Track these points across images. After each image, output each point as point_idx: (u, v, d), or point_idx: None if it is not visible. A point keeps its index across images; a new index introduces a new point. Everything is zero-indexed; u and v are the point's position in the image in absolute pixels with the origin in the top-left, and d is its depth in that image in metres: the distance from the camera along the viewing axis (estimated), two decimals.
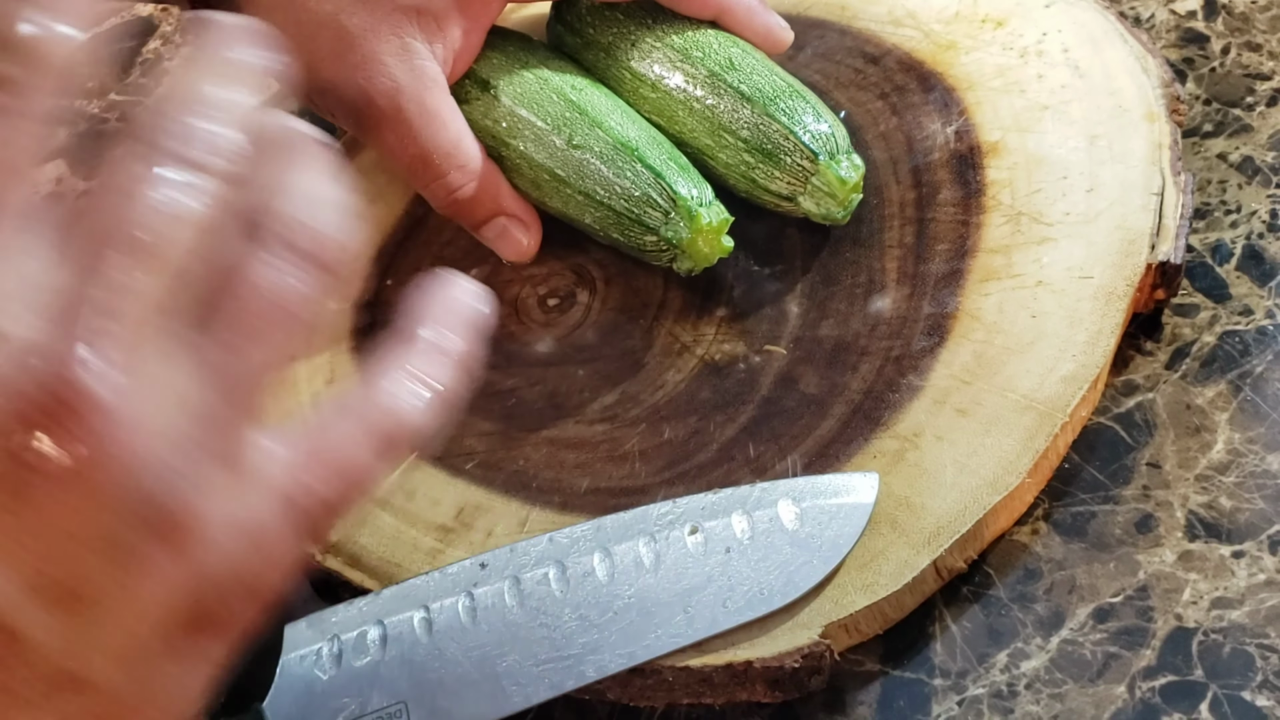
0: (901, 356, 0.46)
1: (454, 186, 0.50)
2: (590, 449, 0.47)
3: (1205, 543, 0.42)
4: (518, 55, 0.52)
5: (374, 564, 0.45)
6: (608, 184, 0.48)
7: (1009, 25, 0.54)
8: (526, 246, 0.52)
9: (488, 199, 0.50)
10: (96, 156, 0.68)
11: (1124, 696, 0.39)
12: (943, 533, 0.41)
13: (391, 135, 0.49)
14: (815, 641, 0.39)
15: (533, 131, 0.50)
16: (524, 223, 0.51)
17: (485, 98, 0.51)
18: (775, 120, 0.48)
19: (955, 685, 0.40)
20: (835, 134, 0.48)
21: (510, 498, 0.46)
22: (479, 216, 0.51)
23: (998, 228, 0.48)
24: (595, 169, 0.49)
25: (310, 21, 0.49)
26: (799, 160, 0.48)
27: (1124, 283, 0.45)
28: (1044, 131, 0.50)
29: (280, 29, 0.52)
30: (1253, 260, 0.48)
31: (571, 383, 0.49)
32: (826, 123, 0.48)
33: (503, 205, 0.51)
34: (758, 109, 0.48)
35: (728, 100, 0.49)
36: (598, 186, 0.49)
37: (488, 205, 0.51)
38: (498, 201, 0.51)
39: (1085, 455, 0.44)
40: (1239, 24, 0.56)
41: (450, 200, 0.50)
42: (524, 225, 0.51)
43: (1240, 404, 0.45)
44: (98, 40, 0.25)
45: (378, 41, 0.48)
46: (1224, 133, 0.53)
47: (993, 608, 0.42)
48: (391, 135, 0.49)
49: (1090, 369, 0.43)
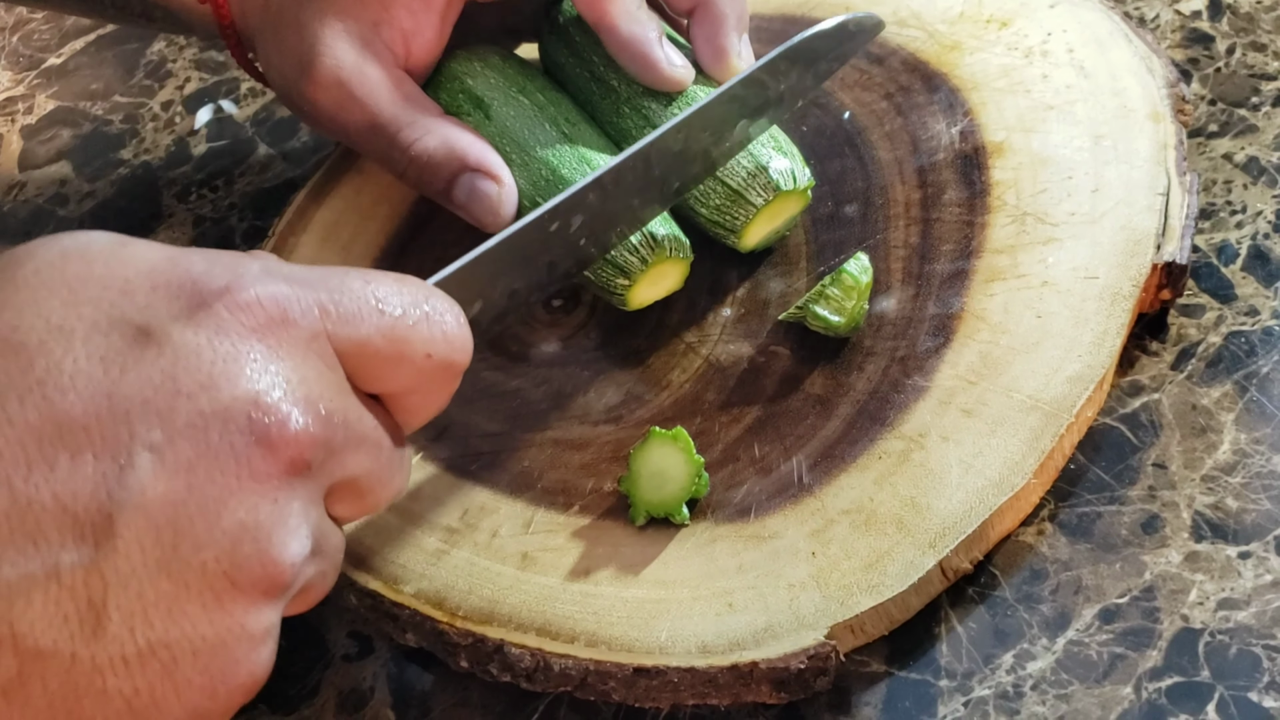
0: (907, 357, 0.46)
1: (406, 144, 0.48)
2: (595, 450, 0.47)
3: (1211, 543, 0.42)
4: (515, 79, 0.52)
5: (379, 565, 0.45)
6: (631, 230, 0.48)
7: (1014, 25, 0.54)
8: (499, 200, 0.48)
9: (448, 155, 0.48)
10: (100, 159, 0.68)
11: (1130, 697, 0.39)
12: (948, 533, 0.41)
13: (341, 112, 0.49)
14: (821, 642, 0.39)
15: (521, 157, 0.50)
16: (492, 176, 0.48)
17: (477, 115, 0.51)
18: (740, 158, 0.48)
19: (961, 686, 0.40)
20: (794, 169, 0.48)
21: (515, 498, 0.46)
22: (443, 177, 0.49)
23: (1003, 228, 0.48)
24: None
25: (281, 24, 0.50)
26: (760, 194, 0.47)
27: (1129, 283, 0.45)
28: (1049, 132, 0.50)
29: (261, 35, 0.54)
30: (1258, 260, 0.48)
31: (576, 383, 0.49)
32: (787, 160, 0.48)
33: (466, 160, 0.48)
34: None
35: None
36: None
37: (451, 163, 0.48)
38: (460, 158, 0.48)
39: (1091, 456, 0.44)
40: (1244, 24, 0.56)
41: (409, 163, 0.49)
42: (492, 179, 0.48)
43: (1246, 404, 0.44)
44: None
45: (323, 27, 0.49)
46: (1229, 133, 0.52)
47: (998, 608, 0.42)
48: (341, 112, 0.49)
49: (1096, 369, 0.43)
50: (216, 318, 0.29)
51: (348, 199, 0.58)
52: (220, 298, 0.30)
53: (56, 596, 0.27)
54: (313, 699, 0.45)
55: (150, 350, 0.28)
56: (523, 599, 0.43)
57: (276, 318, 0.30)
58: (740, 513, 0.43)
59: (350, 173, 0.59)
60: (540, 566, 0.44)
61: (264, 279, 0.31)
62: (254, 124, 0.69)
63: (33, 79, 0.76)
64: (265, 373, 0.29)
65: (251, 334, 0.30)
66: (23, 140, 0.72)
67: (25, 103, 0.74)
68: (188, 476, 0.28)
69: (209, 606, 0.28)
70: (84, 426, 0.27)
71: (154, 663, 0.28)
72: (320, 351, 0.31)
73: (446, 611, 0.43)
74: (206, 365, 0.29)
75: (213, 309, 0.29)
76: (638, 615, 0.41)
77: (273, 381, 0.29)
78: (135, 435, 0.28)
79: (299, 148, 0.67)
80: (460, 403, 0.50)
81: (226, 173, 0.66)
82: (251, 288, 0.30)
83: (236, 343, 0.29)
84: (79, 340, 0.28)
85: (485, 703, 0.44)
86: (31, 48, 0.78)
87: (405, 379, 0.34)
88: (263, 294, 0.30)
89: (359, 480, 0.33)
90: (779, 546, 0.42)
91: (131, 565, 0.27)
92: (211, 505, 0.28)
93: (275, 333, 0.30)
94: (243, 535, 0.29)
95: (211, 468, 0.28)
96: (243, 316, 0.30)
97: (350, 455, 0.32)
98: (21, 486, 0.27)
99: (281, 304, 0.30)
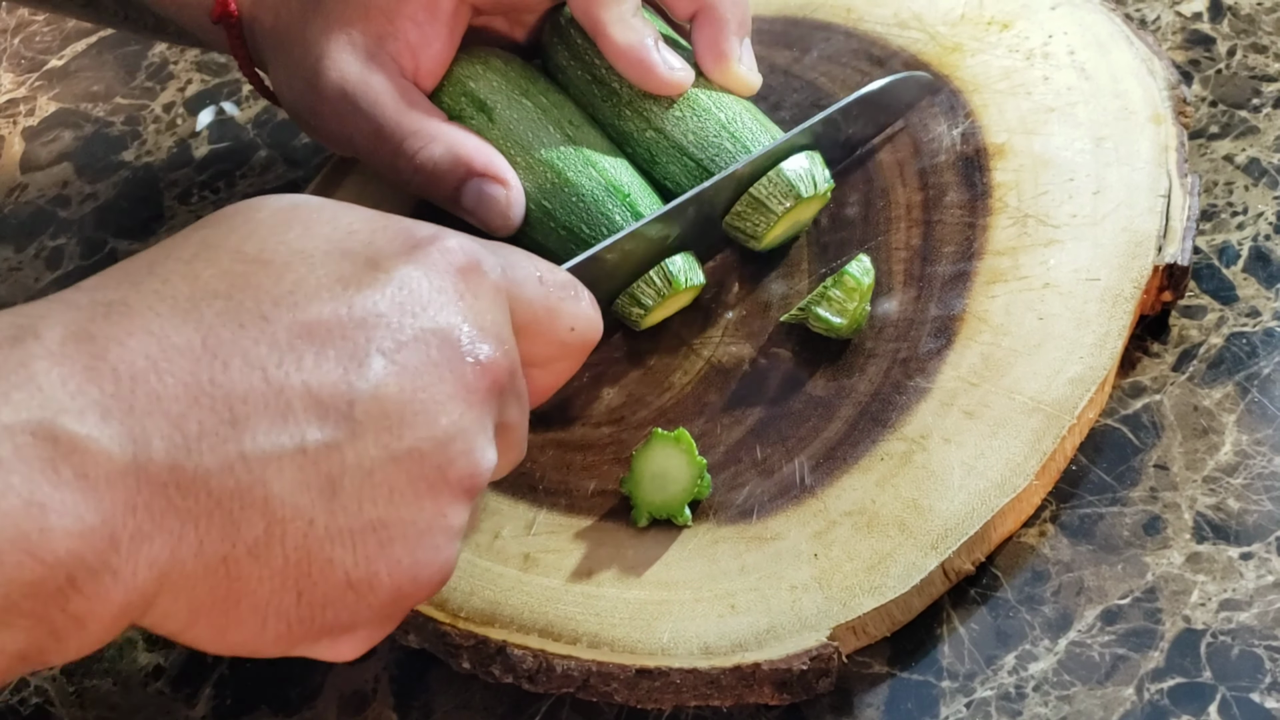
0: (908, 359, 0.46)
1: (412, 152, 0.49)
2: (597, 451, 0.47)
3: (1213, 544, 0.42)
4: (518, 82, 0.52)
5: None
6: (594, 223, 0.48)
7: (1015, 27, 0.54)
8: (508, 204, 0.49)
9: (454, 162, 0.49)
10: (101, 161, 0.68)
11: (1132, 698, 0.39)
12: (950, 535, 0.41)
13: (346, 123, 0.49)
14: (823, 644, 0.39)
15: (525, 160, 0.50)
16: (499, 180, 0.49)
17: (480, 118, 0.51)
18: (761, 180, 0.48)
19: (963, 687, 0.40)
20: (814, 173, 0.48)
21: (517, 500, 0.46)
22: (450, 183, 0.49)
23: (1004, 230, 0.48)
24: (583, 206, 0.49)
25: (289, 40, 0.51)
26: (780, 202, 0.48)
27: (1131, 285, 0.45)
28: (1050, 134, 0.50)
29: (270, 54, 0.54)
30: (1259, 262, 0.48)
31: (578, 385, 0.49)
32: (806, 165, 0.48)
33: (472, 166, 0.49)
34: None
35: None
36: (583, 224, 0.48)
37: (457, 169, 0.49)
38: (466, 163, 0.49)
39: (1093, 457, 0.44)
40: (1245, 26, 0.56)
41: (416, 172, 0.49)
42: (499, 182, 0.49)
43: (1248, 405, 0.44)
44: None
45: (328, 41, 0.50)
46: (1230, 134, 0.53)
47: (1000, 610, 0.42)
48: (346, 123, 0.49)
49: (1097, 371, 0.43)
50: (429, 257, 0.34)
51: (350, 201, 0.58)
52: (432, 242, 0.34)
53: (302, 465, 0.31)
54: (315, 700, 0.45)
55: (380, 275, 0.33)
56: (525, 600, 0.43)
57: (473, 264, 0.35)
58: (742, 514, 0.43)
59: (352, 175, 0.59)
60: (542, 568, 0.44)
61: (459, 235, 0.36)
62: (255, 126, 0.69)
63: (34, 81, 0.76)
64: (472, 307, 0.34)
65: (457, 273, 0.34)
66: (24, 142, 0.72)
67: (27, 105, 0.74)
68: (413, 379, 0.32)
69: (422, 494, 0.32)
70: (328, 329, 0.32)
71: (373, 538, 0.32)
72: (502, 303, 0.36)
73: (448, 613, 0.43)
74: (425, 292, 0.33)
75: (427, 250, 0.34)
76: (640, 616, 0.42)
77: (479, 315, 0.34)
78: (371, 339, 0.32)
79: (300, 150, 0.67)
80: None
81: (228, 175, 0.66)
82: (452, 239, 0.35)
83: (445, 278, 0.34)
84: (319, 262, 0.33)
85: (487, 704, 0.44)
86: (33, 49, 0.78)
87: (548, 349, 0.39)
88: (463, 244, 0.35)
89: (511, 431, 0.37)
90: (781, 548, 0.42)
91: (365, 447, 0.31)
92: (432, 406, 0.32)
93: (472, 277, 0.35)
94: (455, 435, 0.33)
95: (431, 376, 0.33)
96: (450, 258, 0.34)
97: (513, 401, 0.36)
98: (274, 372, 0.31)
99: (475, 256, 0.35)
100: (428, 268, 0.34)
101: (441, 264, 0.34)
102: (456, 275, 0.34)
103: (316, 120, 0.51)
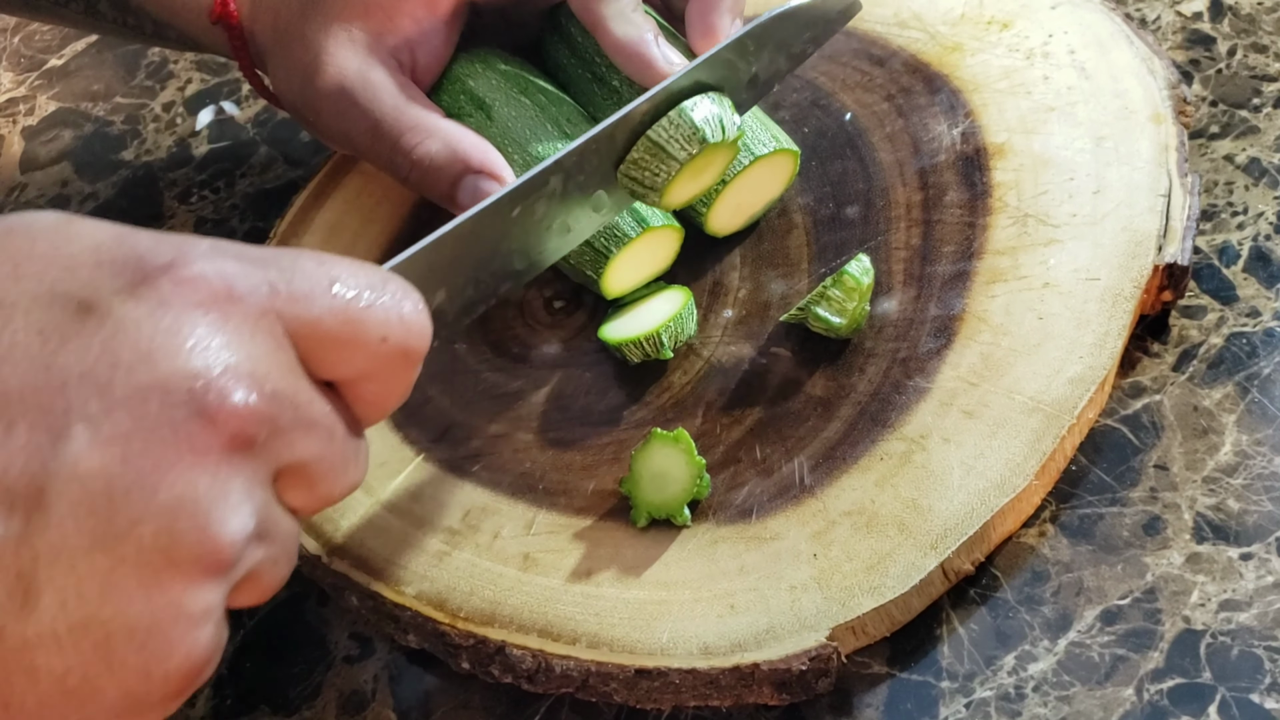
0: (908, 358, 0.46)
1: (409, 148, 0.49)
2: (597, 451, 0.47)
3: (1213, 545, 0.42)
4: (517, 80, 0.52)
5: (380, 566, 0.45)
6: (590, 220, 0.48)
7: (1015, 27, 0.54)
8: None
9: (451, 157, 0.48)
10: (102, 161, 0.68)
11: (1132, 699, 0.39)
12: (950, 535, 0.41)
13: (345, 119, 0.50)
14: (822, 644, 0.39)
15: (523, 158, 0.50)
16: (495, 177, 0.48)
17: (479, 116, 0.51)
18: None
19: (962, 688, 0.40)
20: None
21: (517, 500, 0.46)
22: (447, 179, 0.48)
23: (1004, 229, 0.48)
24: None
25: (288, 38, 0.51)
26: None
27: (1131, 284, 0.45)
28: (1050, 133, 0.50)
29: (270, 53, 0.54)
30: (1260, 262, 0.48)
31: (578, 385, 0.49)
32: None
33: (469, 162, 0.48)
34: None
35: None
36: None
37: (454, 165, 0.48)
38: (463, 160, 0.48)
39: (1092, 457, 0.44)
40: (1245, 25, 0.56)
41: (413, 167, 0.49)
42: (495, 178, 0.48)
43: (1248, 406, 0.44)
44: None
45: (327, 38, 0.50)
46: (1231, 134, 0.52)
47: (1000, 610, 0.42)
48: (345, 119, 0.50)
49: (1097, 371, 0.43)
50: (159, 292, 0.29)
51: (349, 200, 0.59)
52: (165, 272, 0.29)
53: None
54: (314, 700, 0.45)
55: (91, 323, 0.28)
56: (524, 600, 0.43)
57: (222, 293, 0.30)
58: (742, 514, 0.43)
59: (352, 174, 0.59)
60: (542, 568, 0.44)
61: (210, 255, 0.30)
62: (255, 125, 0.69)
63: (34, 80, 0.76)
64: (207, 347, 0.29)
65: (195, 308, 0.29)
66: (24, 141, 0.72)
67: (26, 104, 0.74)
68: (124, 448, 0.27)
69: (145, 583, 0.28)
70: (19, 398, 0.27)
71: (86, 640, 0.28)
72: (269, 329, 0.30)
73: (448, 613, 0.43)
74: (146, 338, 0.28)
75: (156, 283, 0.29)
76: (639, 616, 0.41)
77: (215, 355, 0.29)
78: (71, 407, 0.27)
79: (300, 149, 0.67)
80: (461, 404, 0.50)
81: (228, 174, 0.66)
82: (197, 263, 0.30)
83: (179, 316, 0.29)
84: (19, 313, 0.28)
85: (486, 704, 0.44)
86: (33, 49, 0.78)
87: (360, 364, 0.33)
88: (208, 269, 0.30)
89: (309, 467, 0.32)
90: (780, 548, 0.42)
91: (64, 538, 0.27)
92: (148, 478, 0.27)
93: (220, 308, 0.29)
94: (180, 509, 0.28)
95: (149, 440, 0.28)
96: (186, 291, 0.29)
97: (299, 438, 0.31)
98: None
99: (228, 279, 0.30)
100: (155, 304, 0.29)
101: (176, 298, 0.29)
102: (197, 309, 0.29)
103: (316, 117, 0.51)
